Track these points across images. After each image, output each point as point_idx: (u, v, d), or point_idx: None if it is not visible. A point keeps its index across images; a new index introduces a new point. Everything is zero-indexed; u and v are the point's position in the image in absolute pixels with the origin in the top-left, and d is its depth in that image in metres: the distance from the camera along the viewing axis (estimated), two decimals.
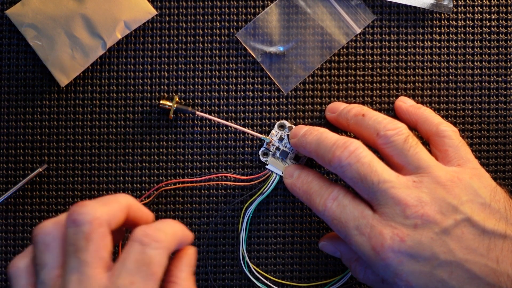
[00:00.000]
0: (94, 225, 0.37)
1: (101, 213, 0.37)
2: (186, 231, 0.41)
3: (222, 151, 0.52)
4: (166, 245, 0.37)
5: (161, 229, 0.38)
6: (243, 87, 0.52)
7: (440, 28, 0.52)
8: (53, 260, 0.37)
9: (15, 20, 0.50)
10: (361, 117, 0.47)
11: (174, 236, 0.39)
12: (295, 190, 0.48)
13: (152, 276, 0.36)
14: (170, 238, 0.38)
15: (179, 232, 0.40)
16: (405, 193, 0.42)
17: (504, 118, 0.52)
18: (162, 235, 0.37)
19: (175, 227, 0.39)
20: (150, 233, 0.37)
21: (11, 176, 0.51)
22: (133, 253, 0.36)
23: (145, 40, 0.52)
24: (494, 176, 0.52)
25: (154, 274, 0.36)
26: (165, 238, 0.37)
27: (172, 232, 0.39)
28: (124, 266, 0.36)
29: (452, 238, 0.42)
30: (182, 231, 0.40)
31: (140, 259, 0.36)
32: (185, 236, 0.41)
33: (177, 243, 0.39)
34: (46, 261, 0.37)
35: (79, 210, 0.37)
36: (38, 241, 0.38)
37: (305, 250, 0.52)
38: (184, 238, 0.40)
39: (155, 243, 0.37)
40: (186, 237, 0.41)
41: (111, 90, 0.52)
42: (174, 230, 0.39)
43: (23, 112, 0.52)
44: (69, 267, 0.36)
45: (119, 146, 0.52)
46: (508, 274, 0.42)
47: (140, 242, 0.37)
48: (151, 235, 0.37)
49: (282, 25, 0.52)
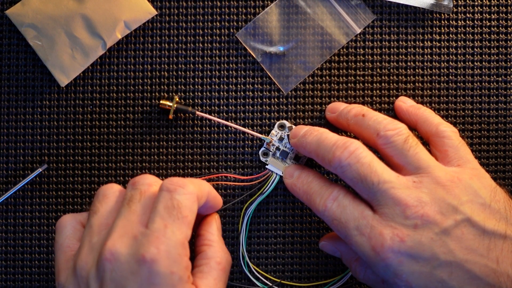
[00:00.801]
0: (151, 187, 0.42)
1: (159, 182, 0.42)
2: (214, 191, 0.45)
3: (222, 151, 0.52)
4: (192, 192, 0.41)
5: (187, 179, 0.42)
6: (243, 87, 0.52)
7: (440, 28, 0.52)
8: (106, 210, 0.42)
9: (15, 20, 0.50)
10: (361, 117, 0.47)
11: (200, 187, 0.42)
12: (295, 190, 0.48)
13: (184, 219, 0.40)
14: (196, 187, 0.42)
15: (206, 186, 0.43)
16: (405, 194, 0.42)
17: (504, 118, 0.52)
18: (188, 183, 0.41)
19: (201, 182, 0.44)
20: (176, 181, 0.41)
21: (11, 176, 0.51)
22: (163, 200, 0.40)
23: (145, 40, 0.52)
24: (494, 176, 0.52)
25: (185, 217, 0.40)
26: (192, 185, 0.41)
27: (199, 184, 0.43)
28: (156, 213, 0.40)
29: (452, 239, 0.42)
30: (210, 187, 0.44)
31: (169, 205, 0.40)
32: (214, 193, 0.45)
33: (205, 194, 0.43)
34: (100, 209, 0.42)
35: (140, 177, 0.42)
36: (99, 193, 0.43)
37: (305, 250, 0.52)
38: (213, 196, 0.44)
39: (181, 189, 0.40)
40: (214, 196, 0.45)
41: (111, 90, 0.52)
42: (201, 184, 0.43)
43: (23, 112, 0.52)
44: (119, 214, 0.41)
45: (119, 146, 0.52)
46: (508, 275, 0.42)
47: (167, 189, 0.40)
48: (177, 182, 0.41)
49: (282, 25, 0.52)
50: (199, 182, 0.43)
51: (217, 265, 0.43)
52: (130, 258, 0.38)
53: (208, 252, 0.43)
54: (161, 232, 0.39)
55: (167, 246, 0.39)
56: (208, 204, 0.44)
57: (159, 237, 0.39)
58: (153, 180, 0.42)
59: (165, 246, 0.38)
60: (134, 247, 0.39)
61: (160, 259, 0.38)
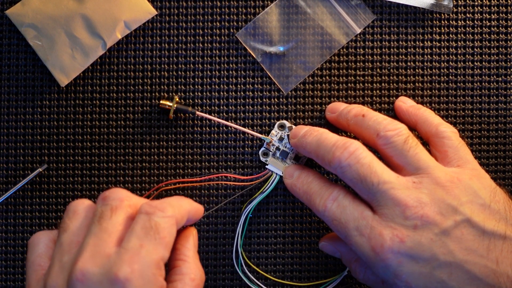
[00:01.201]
0: (123, 203, 0.40)
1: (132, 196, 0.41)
2: (194, 204, 0.43)
3: (222, 151, 0.52)
4: (172, 215, 0.39)
5: (166, 201, 0.40)
6: (243, 87, 0.52)
7: (440, 28, 0.52)
8: (76, 226, 0.40)
9: (15, 20, 0.50)
10: (361, 117, 0.47)
11: (180, 208, 0.41)
12: (295, 190, 0.48)
13: (161, 240, 0.38)
14: (176, 209, 0.40)
15: (186, 206, 0.42)
16: (405, 194, 0.42)
17: (504, 118, 0.52)
18: (167, 206, 0.40)
19: (181, 200, 0.42)
20: (154, 204, 0.39)
21: (11, 176, 0.51)
22: (140, 221, 0.39)
23: (145, 40, 0.52)
24: (494, 176, 0.52)
25: (162, 238, 0.38)
26: (171, 209, 0.40)
27: (178, 204, 0.41)
28: (132, 232, 0.38)
29: (451, 239, 0.42)
30: (190, 204, 0.42)
31: (147, 226, 0.38)
32: (194, 209, 0.43)
33: (185, 215, 0.41)
34: (70, 226, 0.40)
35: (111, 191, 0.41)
36: (69, 209, 0.41)
37: (305, 250, 0.52)
38: (193, 211, 0.43)
39: (160, 212, 0.39)
40: (195, 210, 0.43)
41: (111, 90, 0.52)
42: (180, 203, 0.41)
43: (23, 112, 0.52)
44: (89, 232, 0.39)
45: (119, 146, 0.52)
46: (507, 275, 0.42)
47: (146, 212, 0.39)
48: (156, 206, 0.39)
49: (282, 25, 0.52)
50: (179, 203, 0.41)
51: (191, 281, 0.41)
52: (102, 278, 0.37)
53: (182, 267, 0.41)
54: (136, 252, 0.37)
55: (141, 266, 0.37)
56: (189, 221, 0.43)
57: (133, 256, 0.37)
58: (125, 195, 0.40)
59: (139, 265, 0.37)
60: (106, 266, 0.37)
61: (133, 279, 0.37)
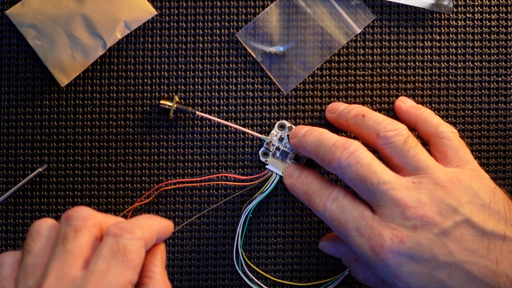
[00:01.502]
0: (87, 222, 0.38)
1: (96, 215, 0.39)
2: (163, 222, 0.41)
3: (222, 151, 0.52)
4: (140, 236, 0.38)
5: (134, 222, 0.39)
6: (243, 87, 0.52)
7: (440, 28, 0.52)
8: (40, 248, 0.38)
9: (15, 20, 0.50)
10: (361, 117, 0.47)
11: (149, 228, 0.39)
12: (295, 190, 0.48)
13: (129, 263, 0.37)
14: (145, 230, 0.39)
15: (155, 225, 0.40)
16: (405, 194, 0.42)
17: (504, 118, 0.52)
18: (136, 227, 0.38)
19: (150, 220, 0.40)
20: (122, 226, 0.38)
21: (11, 176, 0.52)
22: (107, 243, 0.37)
23: (145, 40, 0.52)
24: (494, 176, 0.52)
25: (130, 261, 0.37)
26: (140, 230, 0.38)
27: (147, 225, 0.39)
28: (99, 255, 0.37)
29: (451, 239, 0.42)
30: (159, 223, 0.41)
31: (115, 248, 0.37)
32: (164, 227, 0.41)
33: (154, 236, 0.40)
34: (34, 247, 0.39)
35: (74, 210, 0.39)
36: (32, 230, 0.39)
37: (305, 250, 0.52)
38: (163, 230, 0.41)
39: (128, 234, 0.37)
40: (165, 229, 0.41)
41: (111, 90, 0.52)
42: (149, 223, 0.40)
43: (23, 112, 0.52)
44: (53, 255, 0.37)
45: (119, 146, 0.52)
46: (507, 275, 0.42)
47: (113, 234, 0.37)
48: (124, 228, 0.38)
49: (282, 25, 0.52)
50: (148, 223, 0.40)
51: None
52: None
53: (149, 285, 0.40)
54: (103, 275, 0.36)
55: None
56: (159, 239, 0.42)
57: (100, 280, 0.36)
58: (89, 213, 0.39)
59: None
60: None
61: None
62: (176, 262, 0.52)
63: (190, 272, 0.52)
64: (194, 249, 0.52)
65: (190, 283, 0.52)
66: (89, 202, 0.52)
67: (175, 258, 0.52)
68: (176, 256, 0.52)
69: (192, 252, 0.52)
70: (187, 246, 0.52)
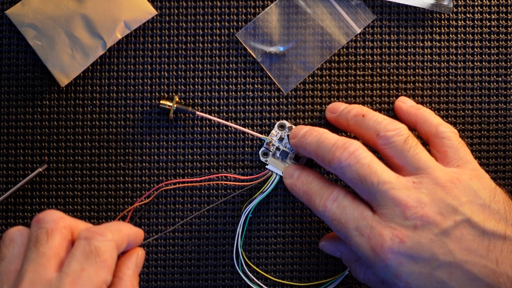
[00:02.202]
0: (58, 225, 0.39)
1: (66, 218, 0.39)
2: (134, 229, 0.42)
3: (222, 151, 0.52)
4: (111, 238, 0.39)
5: (104, 226, 0.39)
6: (243, 87, 0.52)
7: (440, 28, 0.52)
8: (13, 254, 0.39)
9: (15, 20, 0.50)
10: (361, 117, 0.47)
11: (119, 232, 0.40)
12: (295, 190, 0.48)
13: (102, 263, 0.37)
14: (115, 233, 0.39)
15: (125, 230, 0.41)
16: (405, 194, 0.42)
17: (504, 118, 0.52)
18: (106, 230, 0.39)
19: (120, 225, 0.41)
20: (93, 230, 0.39)
21: (11, 176, 0.52)
22: (80, 246, 0.38)
23: (145, 40, 0.52)
24: (494, 176, 0.52)
25: (104, 261, 0.37)
26: (110, 233, 0.39)
27: (117, 229, 0.40)
28: (73, 257, 0.37)
29: (451, 239, 0.42)
30: (129, 229, 0.41)
31: (87, 250, 0.38)
32: (134, 234, 0.42)
33: (125, 239, 0.40)
34: (7, 254, 0.39)
35: (45, 213, 0.39)
36: (5, 238, 0.40)
37: (305, 250, 0.52)
38: (133, 236, 0.42)
39: (99, 237, 0.38)
40: (135, 235, 0.42)
41: (111, 90, 0.52)
42: (119, 227, 0.40)
43: (23, 112, 0.52)
44: (26, 258, 0.38)
45: (119, 146, 0.52)
46: (507, 275, 0.42)
47: (85, 238, 0.38)
48: (95, 231, 0.38)
49: (282, 25, 0.52)
50: (118, 228, 0.40)
51: None
52: None
53: (117, 285, 0.40)
54: (77, 275, 0.37)
55: None
56: (129, 245, 0.42)
57: (75, 280, 0.36)
58: (59, 216, 0.39)
59: None
60: None
61: None
62: (176, 262, 0.52)
63: (190, 272, 0.52)
64: (194, 249, 0.52)
65: (190, 283, 0.52)
66: (89, 202, 0.52)
67: (175, 258, 0.52)
68: (176, 256, 0.52)
69: (192, 252, 0.52)
70: (187, 246, 0.52)
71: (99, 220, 0.52)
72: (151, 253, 0.52)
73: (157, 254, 0.52)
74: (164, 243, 0.52)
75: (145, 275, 0.51)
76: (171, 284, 0.51)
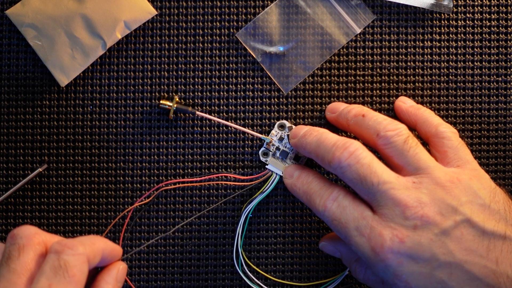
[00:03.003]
0: (31, 240, 0.39)
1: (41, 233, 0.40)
2: (110, 244, 0.42)
3: (222, 151, 0.52)
4: (82, 252, 0.38)
5: (76, 239, 0.39)
6: (243, 87, 0.52)
7: (440, 28, 0.52)
8: None
9: (15, 20, 0.50)
10: (361, 117, 0.47)
11: (92, 245, 0.40)
12: (295, 190, 0.48)
13: (71, 278, 0.37)
14: (87, 247, 0.39)
15: (99, 244, 0.41)
16: (405, 194, 0.42)
17: (504, 118, 0.52)
18: (78, 244, 0.39)
19: (95, 238, 0.41)
20: (64, 243, 0.38)
21: (11, 176, 0.52)
22: (50, 261, 0.38)
23: (145, 40, 0.52)
24: (494, 176, 0.52)
25: (72, 277, 0.37)
26: (81, 247, 0.39)
27: (90, 242, 0.40)
28: (41, 273, 0.37)
29: (451, 239, 0.42)
30: (105, 243, 0.41)
31: (56, 265, 0.37)
32: (110, 248, 0.42)
33: (98, 253, 0.40)
34: None
35: (19, 229, 0.39)
36: None
37: (305, 250, 0.52)
38: (109, 250, 0.42)
39: (69, 250, 0.38)
40: (111, 250, 0.42)
41: (111, 90, 0.52)
42: (93, 241, 0.40)
43: (23, 112, 0.52)
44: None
45: (119, 146, 0.52)
46: (507, 275, 0.42)
47: (55, 251, 0.38)
48: (66, 244, 0.38)
49: (282, 25, 0.52)
50: (92, 241, 0.40)
51: None
52: None
53: None
54: None
55: None
56: (105, 260, 0.42)
57: None
58: (33, 232, 0.39)
59: None
60: None
61: None
62: (176, 262, 0.52)
63: (190, 272, 0.52)
64: (194, 249, 0.52)
65: (190, 283, 0.52)
66: (89, 202, 0.52)
67: (175, 258, 0.52)
68: (176, 256, 0.52)
69: (192, 252, 0.52)
70: (187, 246, 0.52)
71: (99, 220, 0.52)
72: (151, 253, 0.52)
73: (157, 254, 0.52)
74: (164, 243, 0.52)
75: (145, 275, 0.51)
76: (171, 284, 0.51)
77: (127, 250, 0.51)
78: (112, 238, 0.51)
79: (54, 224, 0.51)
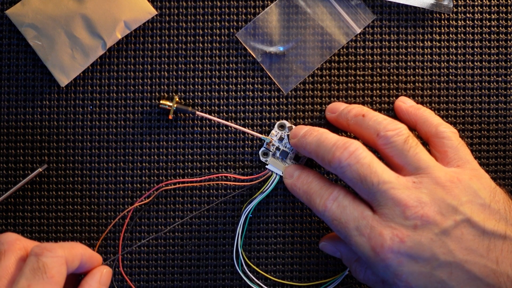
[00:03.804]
0: (13, 246, 0.41)
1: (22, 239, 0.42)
2: (89, 251, 0.44)
3: (222, 151, 0.52)
4: (61, 255, 0.40)
5: (57, 244, 0.41)
6: (243, 87, 0.52)
7: (440, 28, 0.52)
8: None
9: (15, 20, 0.50)
10: (361, 117, 0.47)
11: (71, 249, 0.42)
12: (295, 190, 0.48)
13: (49, 279, 0.39)
14: (66, 250, 0.41)
15: (78, 249, 0.43)
16: (405, 194, 0.42)
17: (504, 118, 0.52)
18: (57, 247, 0.41)
19: (74, 243, 0.43)
20: (43, 246, 0.40)
21: (11, 176, 0.51)
22: (29, 263, 0.40)
23: (145, 40, 0.52)
24: (494, 176, 0.52)
25: (51, 278, 0.39)
26: (60, 250, 0.40)
27: (69, 246, 0.42)
28: (21, 275, 0.39)
29: (451, 239, 0.42)
30: (84, 249, 0.43)
31: (35, 267, 0.39)
32: (89, 254, 0.43)
33: (77, 257, 0.42)
34: None
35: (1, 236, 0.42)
36: None
37: (305, 250, 0.52)
38: (88, 256, 0.43)
39: (48, 253, 0.40)
40: (89, 256, 0.44)
41: (111, 90, 0.52)
42: (72, 245, 0.42)
43: (23, 112, 0.52)
44: None
45: (119, 146, 0.52)
46: (507, 275, 0.42)
47: (34, 254, 0.40)
48: (45, 247, 0.40)
49: (282, 25, 0.52)
50: (71, 246, 0.42)
51: None
52: None
53: None
54: None
55: None
56: (84, 265, 0.43)
57: None
58: (15, 238, 0.42)
59: None
60: None
61: None
62: (176, 262, 0.52)
63: (190, 272, 0.52)
64: (194, 249, 0.52)
65: (190, 283, 0.52)
66: (89, 202, 0.52)
67: (175, 258, 0.52)
68: (176, 256, 0.52)
69: (192, 252, 0.52)
70: (187, 246, 0.52)
71: (99, 220, 0.52)
72: (151, 253, 0.52)
73: (157, 254, 0.52)
74: (164, 243, 0.52)
75: (145, 275, 0.51)
76: (171, 284, 0.51)
77: (122, 249, 0.51)
78: (112, 238, 0.51)
79: (54, 224, 0.51)
